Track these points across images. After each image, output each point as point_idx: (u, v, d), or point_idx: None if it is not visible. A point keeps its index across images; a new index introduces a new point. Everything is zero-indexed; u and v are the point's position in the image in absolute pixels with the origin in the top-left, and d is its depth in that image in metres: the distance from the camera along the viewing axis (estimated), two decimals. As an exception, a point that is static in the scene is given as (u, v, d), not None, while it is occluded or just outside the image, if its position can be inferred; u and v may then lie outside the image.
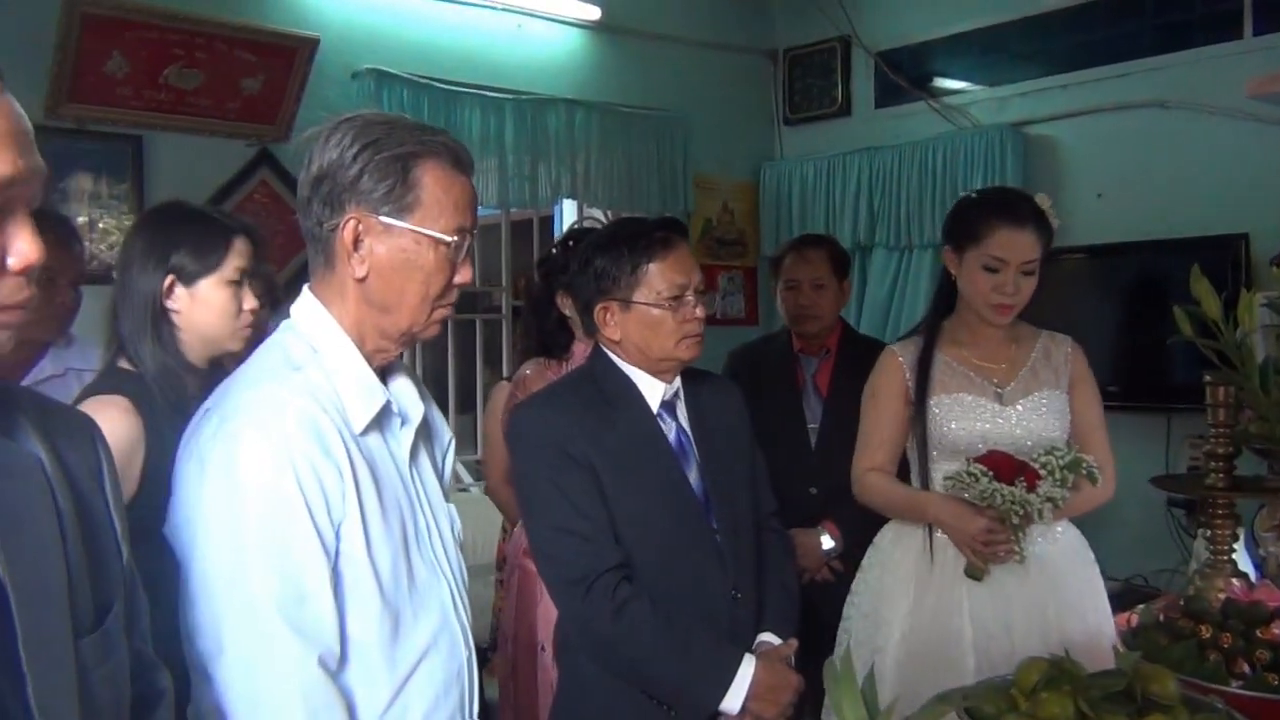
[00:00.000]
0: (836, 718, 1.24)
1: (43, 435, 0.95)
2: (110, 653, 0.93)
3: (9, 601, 0.83)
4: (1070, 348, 2.37)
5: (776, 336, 3.34)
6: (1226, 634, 1.68)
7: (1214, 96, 3.71)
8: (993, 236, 2.21)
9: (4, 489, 0.86)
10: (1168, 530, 3.80)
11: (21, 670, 0.83)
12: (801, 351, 3.16)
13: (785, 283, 3.15)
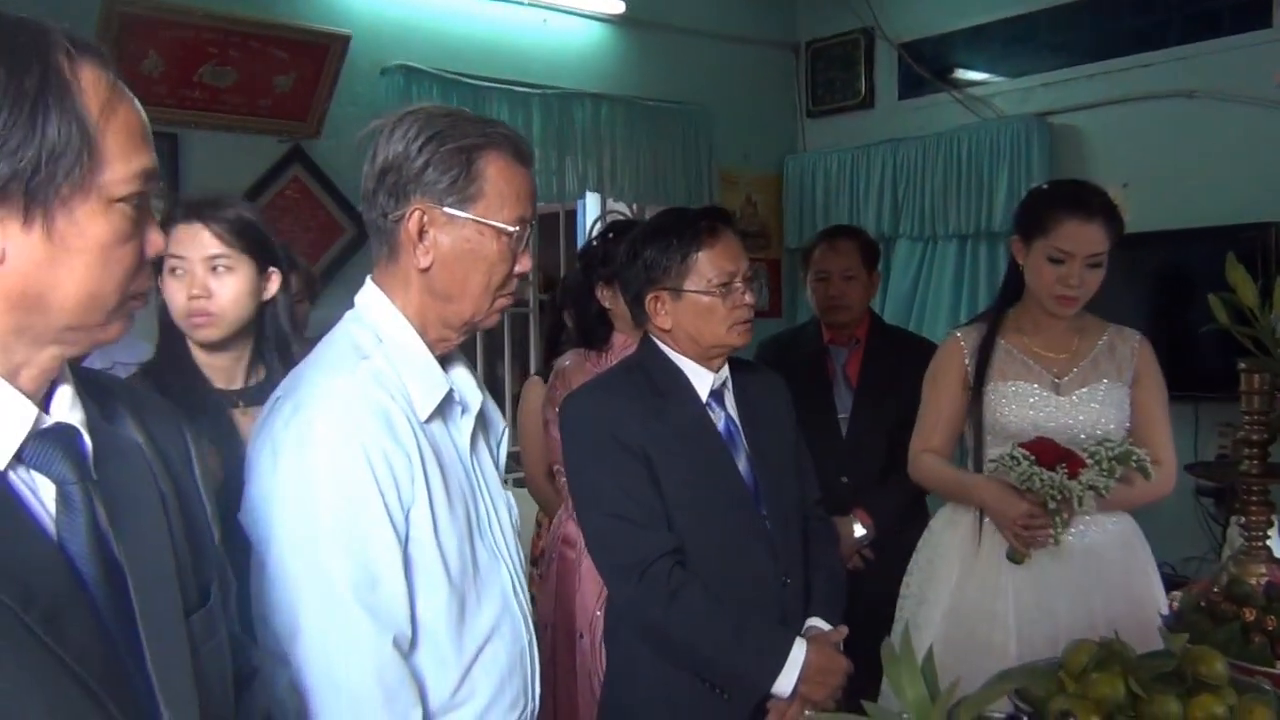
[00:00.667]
0: (896, 696, 1.27)
1: (139, 422, 0.98)
2: (214, 630, 0.97)
3: (126, 580, 0.87)
4: (1137, 342, 2.38)
5: (805, 328, 3.36)
6: (1270, 617, 1.70)
7: (1241, 85, 3.72)
8: (1060, 229, 2.22)
9: (114, 472, 0.90)
10: (1196, 519, 3.81)
11: (141, 644, 0.87)
12: (831, 342, 3.18)
13: (816, 274, 3.17)
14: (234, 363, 1.85)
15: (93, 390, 0.94)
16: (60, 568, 0.84)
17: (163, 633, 0.88)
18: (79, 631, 0.82)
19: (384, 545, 1.29)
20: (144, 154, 0.89)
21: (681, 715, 1.87)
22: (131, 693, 0.85)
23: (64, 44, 0.84)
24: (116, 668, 0.85)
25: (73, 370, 0.93)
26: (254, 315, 1.84)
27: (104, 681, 0.82)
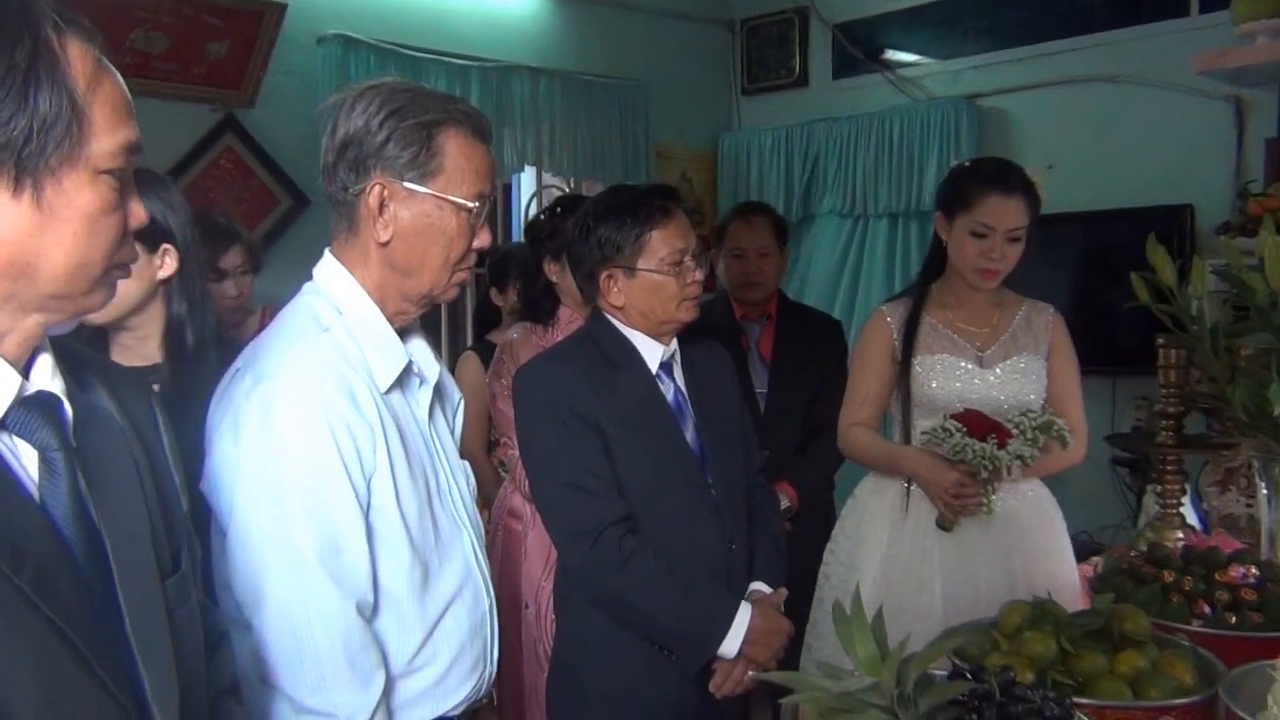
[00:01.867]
0: (849, 655, 1.33)
1: (110, 391, 0.99)
2: (186, 594, 0.99)
3: (105, 544, 0.89)
4: (1051, 316, 2.48)
5: (715, 304, 3.40)
6: (1188, 578, 1.80)
7: (1161, 72, 3.84)
8: (982, 204, 2.31)
9: (91, 440, 0.91)
10: (1113, 488, 3.97)
11: (120, 607, 0.89)
12: (743, 318, 3.24)
13: (730, 251, 3.22)
14: (140, 342, 1.79)
15: (66, 360, 0.95)
16: (46, 531, 0.85)
17: (140, 596, 0.91)
18: (66, 594, 0.84)
19: (347, 513, 1.31)
20: (128, 127, 0.91)
21: (630, 677, 1.93)
22: (114, 653, 0.87)
23: (52, 17, 0.85)
24: (100, 629, 0.87)
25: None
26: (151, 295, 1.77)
27: (89, 642, 0.85)
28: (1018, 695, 1.26)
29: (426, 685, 1.41)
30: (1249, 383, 2.18)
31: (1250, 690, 1.41)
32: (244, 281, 2.61)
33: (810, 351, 2.67)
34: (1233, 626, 1.71)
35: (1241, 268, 2.26)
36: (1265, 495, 2.29)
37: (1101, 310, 3.88)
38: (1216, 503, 2.84)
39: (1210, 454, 2.80)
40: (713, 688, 1.90)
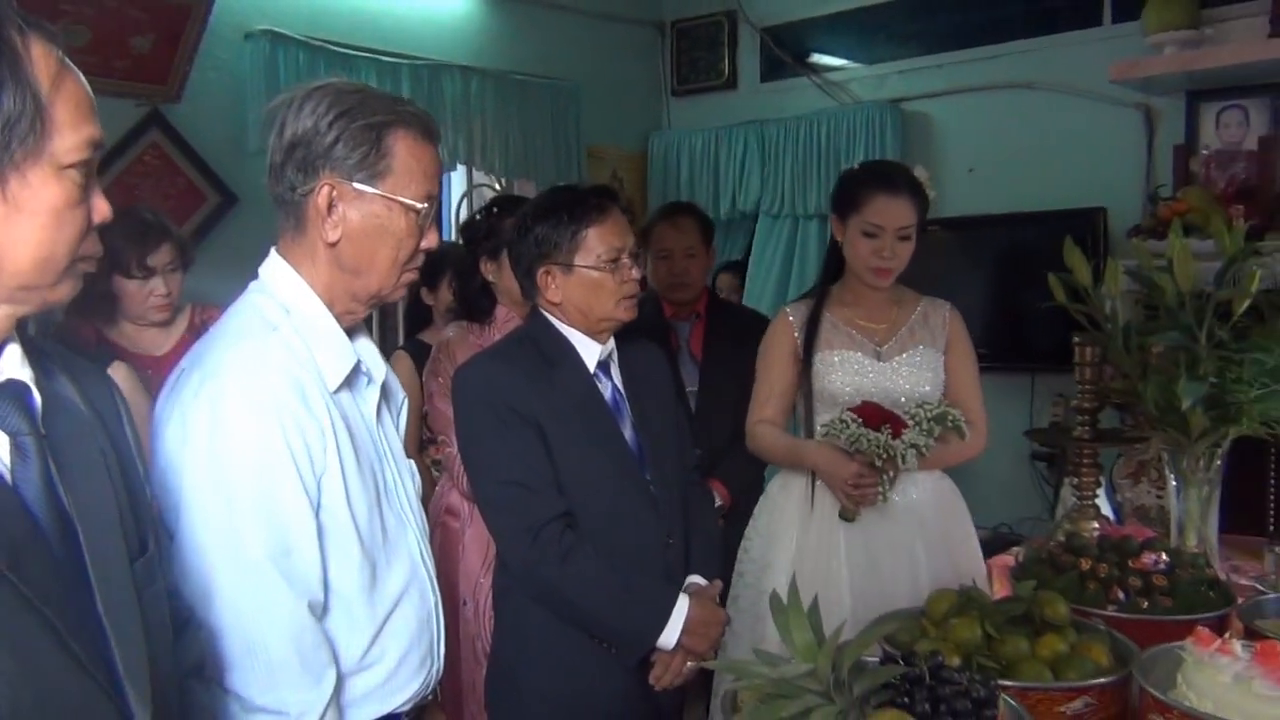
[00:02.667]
0: (785, 643, 1.38)
1: (73, 381, 1.01)
2: (154, 577, 1.01)
3: (75, 527, 0.91)
4: (948, 312, 2.57)
5: (644, 304, 3.44)
6: (1103, 565, 1.89)
7: (1077, 79, 3.98)
8: (871, 204, 2.40)
9: (59, 427, 0.93)
10: (1032, 482, 4.11)
11: (91, 588, 0.91)
12: (673, 318, 3.29)
13: (657, 252, 3.26)
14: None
15: (28, 350, 0.97)
16: (19, 513, 0.88)
17: (111, 577, 0.93)
18: (40, 573, 0.86)
19: (297, 512, 1.32)
20: (90, 124, 0.93)
21: (569, 672, 1.96)
22: (88, 632, 0.89)
23: (15, 20, 0.86)
24: (74, 609, 0.89)
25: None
26: None
27: (65, 621, 0.87)
28: (946, 678, 1.32)
29: (376, 683, 1.42)
30: (1159, 379, 2.29)
31: (1161, 670, 1.50)
32: (174, 279, 2.58)
33: (740, 349, 2.72)
34: (1145, 611, 1.80)
35: (1152, 269, 2.37)
36: (1174, 486, 2.41)
37: (1020, 309, 4.02)
38: (1129, 494, 2.97)
39: (1123, 447, 2.93)
40: (652, 679, 1.94)
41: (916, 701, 1.28)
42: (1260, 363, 2.15)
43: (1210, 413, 2.20)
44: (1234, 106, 3.61)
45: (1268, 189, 3.42)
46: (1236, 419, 2.20)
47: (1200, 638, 1.47)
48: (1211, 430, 2.23)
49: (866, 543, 2.39)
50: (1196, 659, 1.44)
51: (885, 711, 1.27)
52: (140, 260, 2.52)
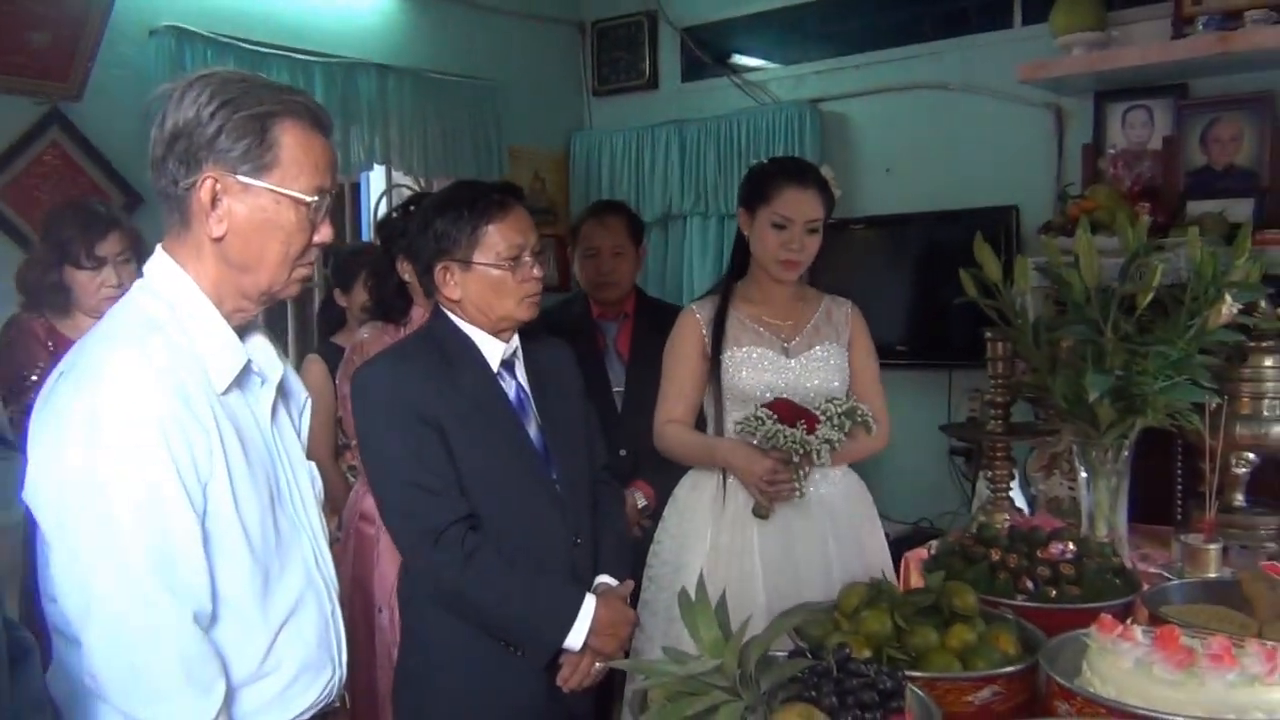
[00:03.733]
0: (693, 640, 1.36)
1: None
2: None
3: None
4: (850, 309, 2.59)
5: (572, 302, 3.41)
6: (1012, 555, 1.91)
7: (988, 80, 4.05)
8: (780, 196, 2.41)
9: None
10: (949, 477, 4.16)
11: None
12: (600, 317, 3.26)
13: (585, 250, 3.24)
14: None
15: None
16: None
17: None
18: None
19: (181, 520, 1.27)
20: None
21: (477, 674, 1.92)
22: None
23: None
24: None
25: None
26: None
27: None
28: (853, 671, 1.31)
29: (273, 693, 1.37)
30: (1068, 373, 2.33)
31: (1067, 657, 1.51)
32: (126, 270, 2.55)
33: (668, 349, 2.70)
34: (1052, 600, 1.82)
35: (1060, 265, 2.41)
36: (1084, 478, 2.46)
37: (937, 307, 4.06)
38: (1043, 486, 3.01)
39: (1036, 440, 2.98)
40: (560, 681, 1.91)
41: (823, 695, 1.27)
42: (1163, 355, 2.20)
43: (1117, 405, 2.25)
44: (1139, 107, 3.70)
45: (1171, 187, 3.51)
46: (1142, 410, 2.24)
47: (1103, 625, 1.49)
48: (1119, 422, 2.28)
49: (781, 538, 2.40)
50: (1100, 645, 1.45)
51: (792, 705, 1.26)
52: (89, 250, 2.52)
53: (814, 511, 2.42)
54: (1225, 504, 2.55)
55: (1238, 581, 1.88)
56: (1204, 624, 1.62)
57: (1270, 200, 3.31)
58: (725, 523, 2.43)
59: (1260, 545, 2.48)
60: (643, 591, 2.47)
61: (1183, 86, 3.61)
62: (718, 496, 2.45)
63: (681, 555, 2.46)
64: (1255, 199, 3.28)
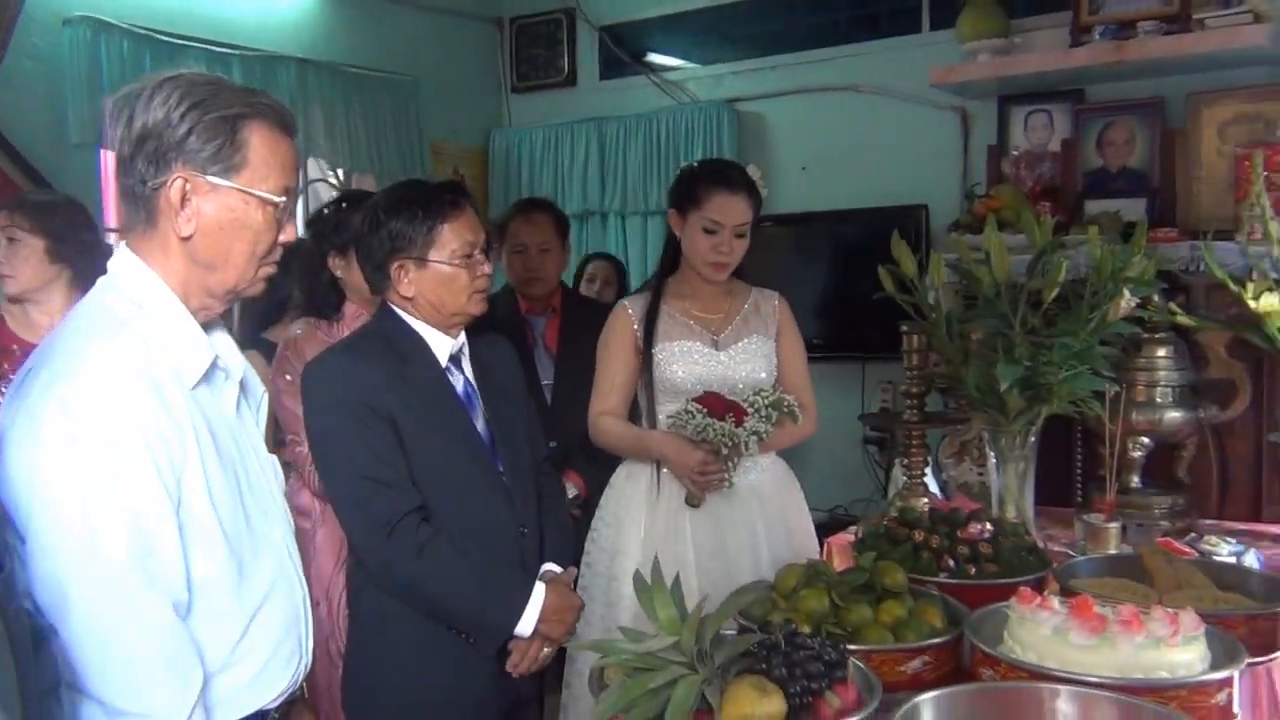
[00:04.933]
0: (650, 619, 1.44)
1: None
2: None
3: None
4: (777, 302, 2.70)
5: (499, 298, 3.47)
6: (934, 536, 2.03)
7: (899, 83, 4.21)
8: (711, 201, 2.49)
9: None
10: (864, 465, 4.32)
11: None
12: (528, 312, 3.32)
13: (512, 247, 3.29)
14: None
15: None
16: None
17: None
18: None
19: (157, 511, 1.29)
20: None
21: (428, 662, 1.96)
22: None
23: None
24: None
25: None
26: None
27: None
28: (800, 644, 1.40)
29: (245, 680, 1.40)
30: (979, 364, 2.47)
31: (990, 628, 1.63)
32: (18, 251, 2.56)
33: (594, 344, 2.77)
34: (973, 576, 1.95)
35: (970, 262, 2.55)
36: (994, 463, 2.60)
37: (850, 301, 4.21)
38: (954, 472, 3.17)
39: (948, 428, 3.13)
40: (510, 667, 1.97)
41: (773, 667, 1.36)
42: (1067, 347, 2.35)
43: (1025, 393, 2.39)
44: (1040, 111, 3.89)
45: (1070, 187, 3.71)
46: (1048, 399, 2.39)
47: (1022, 596, 1.61)
48: (1026, 410, 2.42)
49: (712, 525, 2.49)
50: (1020, 615, 1.57)
51: (745, 678, 1.35)
52: None
53: (743, 498, 2.52)
54: (1123, 485, 2.72)
55: (1138, 556, 2.03)
56: (1110, 595, 1.75)
57: (1161, 200, 3.52)
58: (659, 511, 2.51)
59: (1155, 523, 2.66)
60: (580, 579, 2.54)
61: (1080, 92, 3.81)
62: (652, 486, 2.53)
63: (618, 543, 2.54)
64: (1147, 199, 3.50)
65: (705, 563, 2.46)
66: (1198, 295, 3.18)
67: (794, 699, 1.33)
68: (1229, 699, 1.46)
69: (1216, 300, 3.10)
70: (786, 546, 2.50)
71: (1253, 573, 2.04)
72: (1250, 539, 2.58)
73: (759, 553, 2.49)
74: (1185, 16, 3.46)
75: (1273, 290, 2.61)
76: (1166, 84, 3.62)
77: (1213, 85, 3.52)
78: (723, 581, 2.30)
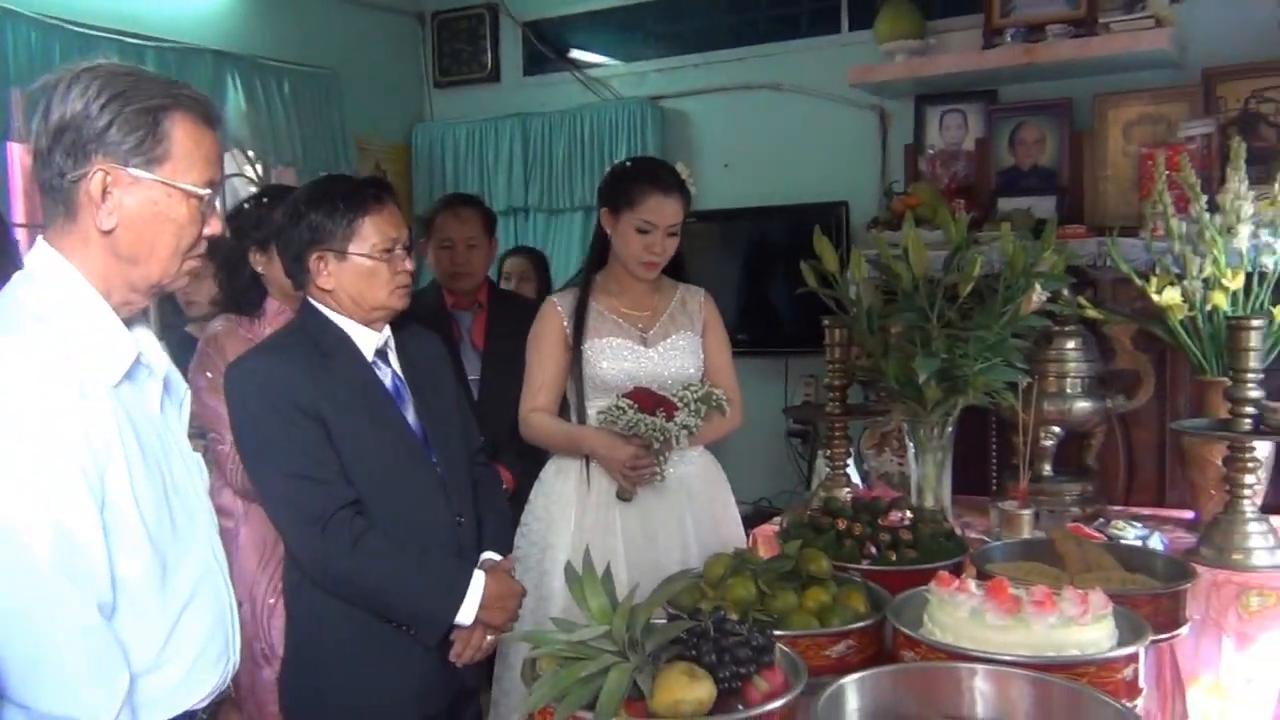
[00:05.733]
0: (581, 609, 1.46)
1: None
2: None
3: None
4: (703, 298, 2.74)
5: (425, 293, 3.46)
6: (857, 524, 2.08)
7: (819, 82, 4.28)
8: (645, 203, 2.52)
9: None
10: (788, 457, 4.39)
11: None
12: (454, 307, 3.33)
13: (439, 241, 3.30)
14: None
15: None
16: None
17: None
18: None
19: (81, 510, 1.27)
20: None
21: (370, 656, 1.95)
22: None
23: None
24: None
25: None
26: None
27: None
28: (729, 630, 1.43)
29: (172, 681, 1.39)
30: (899, 356, 2.53)
31: (911, 611, 1.69)
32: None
33: (521, 339, 2.78)
34: (894, 562, 2.01)
35: (889, 257, 2.61)
36: (913, 453, 2.67)
37: (773, 296, 4.28)
38: (875, 463, 3.25)
39: (869, 420, 3.20)
40: (453, 656, 1.97)
41: (703, 653, 1.38)
42: (982, 340, 2.43)
43: (943, 385, 2.46)
44: (955, 111, 4.00)
45: (983, 185, 3.82)
46: (964, 390, 2.46)
47: (941, 580, 1.66)
48: (943, 401, 2.49)
49: (642, 518, 2.52)
50: (939, 599, 1.62)
51: (675, 664, 1.37)
52: None
53: (672, 491, 2.55)
54: (1035, 474, 2.82)
55: (1050, 540, 2.11)
56: (1024, 577, 1.82)
57: (1070, 198, 3.64)
58: (589, 505, 2.54)
59: (1066, 509, 2.76)
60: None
61: (993, 92, 3.92)
62: (581, 481, 2.56)
63: (548, 536, 2.56)
64: (1057, 197, 3.61)
65: (635, 555, 2.50)
66: (1105, 289, 3.31)
67: (723, 684, 1.36)
68: (1135, 674, 1.53)
69: (1122, 294, 3.22)
70: (714, 538, 2.54)
71: (1157, 555, 2.13)
72: (1155, 523, 2.69)
73: (688, 544, 2.53)
74: (1091, 20, 3.58)
75: (1174, 285, 2.72)
76: (1074, 85, 3.75)
77: (1117, 87, 3.65)
78: (652, 573, 2.33)
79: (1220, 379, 2.62)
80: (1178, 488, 3.13)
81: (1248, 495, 2.46)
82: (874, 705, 1.44)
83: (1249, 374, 2.43)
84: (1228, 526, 2.45)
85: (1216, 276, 2.67)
